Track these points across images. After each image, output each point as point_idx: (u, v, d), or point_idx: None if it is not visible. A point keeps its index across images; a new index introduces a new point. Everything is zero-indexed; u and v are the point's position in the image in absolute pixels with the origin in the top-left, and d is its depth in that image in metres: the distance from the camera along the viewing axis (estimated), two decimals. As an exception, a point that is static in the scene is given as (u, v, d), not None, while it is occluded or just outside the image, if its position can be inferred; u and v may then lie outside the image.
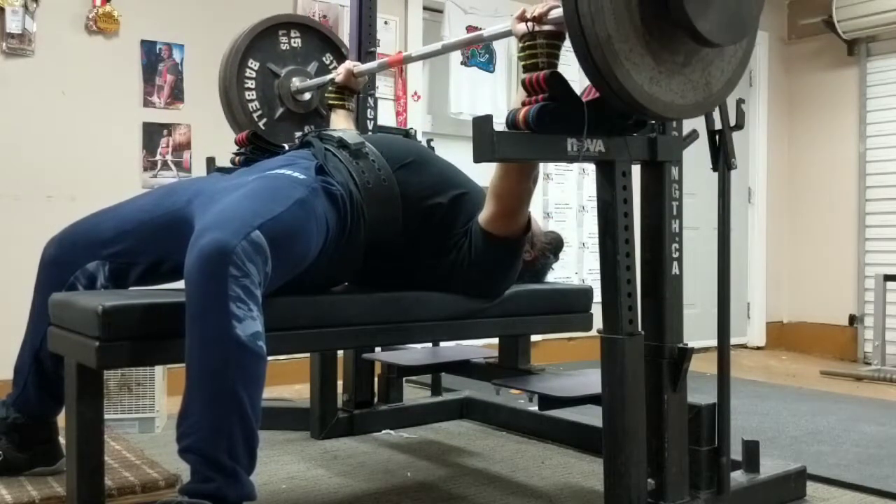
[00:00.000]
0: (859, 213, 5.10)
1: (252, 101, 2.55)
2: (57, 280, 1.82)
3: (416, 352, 2.78)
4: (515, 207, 1.89)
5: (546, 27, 1.56)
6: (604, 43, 1.37)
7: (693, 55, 1.51)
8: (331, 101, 2.42)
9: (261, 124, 2.55)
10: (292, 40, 2.62)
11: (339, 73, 2.40)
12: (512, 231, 1.92)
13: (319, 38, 2.69)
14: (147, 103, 3.41)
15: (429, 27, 4.22)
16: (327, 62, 2.68)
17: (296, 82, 2.58)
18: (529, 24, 1.58)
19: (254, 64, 2.54)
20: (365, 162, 1.93)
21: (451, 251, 1.96)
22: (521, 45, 1.62)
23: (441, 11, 4.22)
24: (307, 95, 2.61)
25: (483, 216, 1.91)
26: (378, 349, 2.76)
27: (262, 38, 2.56)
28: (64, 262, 1.84)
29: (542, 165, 4.37)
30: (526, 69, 1.59)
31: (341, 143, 1.96)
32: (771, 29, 5.38)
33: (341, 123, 2.39)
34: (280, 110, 2.60)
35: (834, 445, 2.71)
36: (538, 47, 1.57)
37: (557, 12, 1.50)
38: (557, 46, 1.59)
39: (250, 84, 2.54)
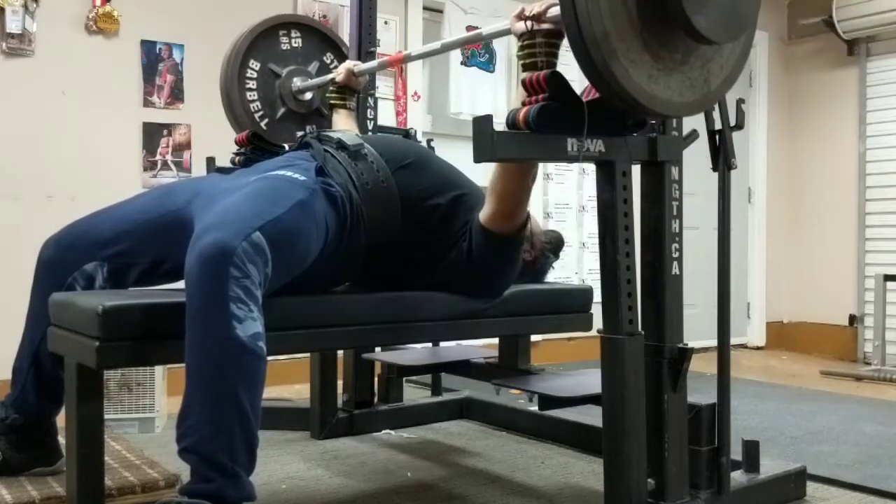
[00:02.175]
0: (859, 213, 5.10)
1: (253, 101, 2.55)
2: (55, 281, 1.81)
3: (416, 352, 2.78)
4: (514, 206, 1.89)
5: (545, 25, 1.56)
6: (601, 41, 1.37)
7: (691, 52, 1.50)
8: (332, 101, 2.43)
9: (262, 124, 2.55)
10: (293, 40, 2.62)
11: (339, 73, 2.40)
12: (511, 229, 1.92)
13: (320, 38, 2.69)
14: (147, 103, 3.40)
15: (429, 27, 4.22)
16: (328, 61, 2.68)
17: (297, 82, 2.58)
18: (528, 22, 1.58)
19: (255, 64, 2.54)
20: (364, 163, 1.93)
21: (450, 250, 1.96)
22: (520, 43, 1.61)
23: (441, 11, 4.22)
24: (308, 95, 2.61)
25: (482, 214, 1.91)
26: (378, 349, 2.76)
27: (263, 39, 2.56)
28: (62, 263, 1.83)
29: (542, 165, 4.37)
30: (525, 68, 1.59)
31: (340, 145, 1.96)
32: (771, 29, 5.38)
33: (343, 123, 2.39)
34: (282, 110, 2.60)
35: (834, 445, 2.71)
36: (537, 46, 1.57)
37: (556, 10, 1.50)
38: (556, 45, 1.59)
39: (251, 84, 2.55)
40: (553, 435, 2.71)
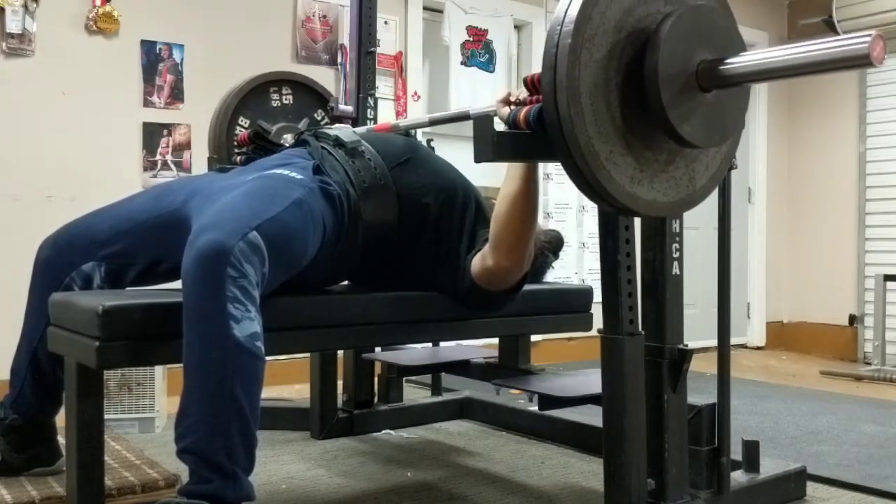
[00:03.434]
0: (859, 213, 5.10)
1: (242, 156, 2.55)
2: (52, 281, 1.81)
3: (416, 352, 2.77)
4: (509, 272, 1.86)
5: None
6: (584, 145, 1.33)
7: (676, 153, 1.47)
8: None
9: None
10: (284, 97, 2.63)
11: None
12: (510, 282, 1.91)
13: (311, 95, 2.69)
14: (147, 103, 3.40)
15: (429, 27, 4.22)
16: (318, 118, 2.68)
17: (288, 139, 2.58)
18: (513, 107, 1.57)
19: (244, 121, 2.55)
20: (361, 161, 1.92)
21: (446, 261, 1.95)
22: (505, 127, 1.60)
23: (441, 11, 4.22)
24: None
25: (475, 267, 1.88)
26: (378, 349, 2.76)
27: (254, 96, 2.57)
28: (59, 263, 1.83)
29: (541, 165, 4.37)
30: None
31: (337, 142, 1.96)
32: (771, 29, 5.38)
33: None
34: None
35: (834, 445, 2.71)
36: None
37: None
38: None
39: None
40: (553, 435, 2.71)
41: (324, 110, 2.69)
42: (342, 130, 2.04)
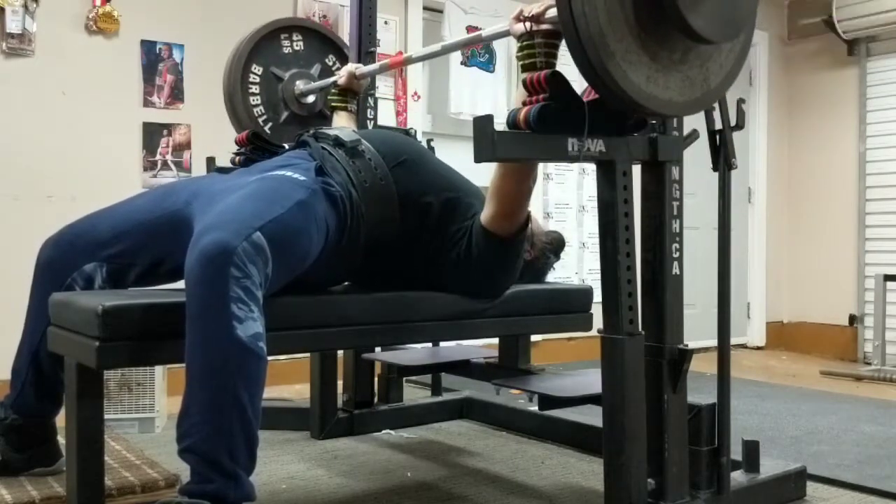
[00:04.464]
0: (859, 213, 5.10)
1: (257, 105, 2.55)
2: (54, 281, 1.81)
3: (416, 352, 2.77)
4: (515, 207, 1.89)
5: (543, 26, 1.56)
6: (598, 43, 1.36)
7: (690, 51, 1.50)
8: (333, 104, 2.43)
9: (266, 128, 2.56)
10: (294, 43, 2.62)
11: (341, 76, 2.40)
12: (511, 230, 1.92)
13: (321, 41, 2.70)
14: (147, 103, 3.40)
15: (429, 27, 4.22)
16: (330, 63, 2.69)
17: (300, 85, 2.59)
18: (527, 23, 1.57)
19: (257, 69, 2.55)
20: (361, 161, 1.93)
21: (450, 250, 1.96)
22: (519, 44, 1.61)
23: (441, 11, 4.22)
24: (311, 98, 2.61)
25: (483, 215, 1.91)
26: (378, 349, 2.76)
27: (265, 43, 2.57)
28: (61, 263, 1.83)
29: (541, 165, 4.37)
30: (524, 69, 1.58)
31: (337, 142, 1.96)
32: (771, 29, 5.38)
33: (344, 125, 2.39)
34: (285, 114, 2.61)
35: (834, 445, 2.71)
36: (536, 47, 1.57)
37: (554, 11, 1.49)
38: (555, 45, 1.59)
39: (254, 89, 2.55)
40: (553, 435, 2.71)
41: (335, 55, 2.70)
42: (342, 130, 2.04)
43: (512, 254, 1.98)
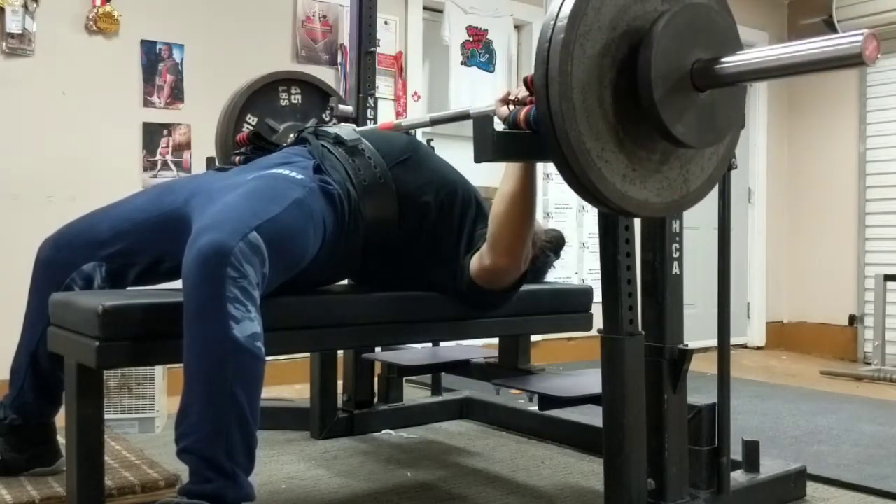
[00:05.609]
0: (859, 213, 5.10)
1: (241, 155, 2.54)
2: (53, 281, 1.80)
3: (416, 352, 2.77)
4: (507, 269, 1.87)
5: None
6: (574, 142, 1.31)
7: (670, 153, 1.44)
8: None
9: None
10: (292, 96, 2.62)
11: None
12: (500, 287, 1.91)
13: (320, 95, 2.69)
14: (147, 103, 3.40)
15: (429, 27, 4.22)
16: (326, 118, 2.68)
17: (292, 138, 2.58)
18: (513, 107, 1.57)
19: (252, 119, 2.54)
20: (361, 159, 1.92)
21: (447, 263, 1.95)
22: (505, 126, 1.61)
23: (441, 11, 4.22)
24: None
25: (473, 267, 1.89)
26: (378, 349, 2.76)
27: (262, 94, 2.56)
28: (60, 263, 1.83)
29: (541, 165, 4.36)
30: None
31: (337, 140, 1.96)
32: (771, 29, 5.38)
33: None
34: None
35: (834, 445, 2.71)
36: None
37: None
38: None
39: None
40: (553, 435, 2.71)
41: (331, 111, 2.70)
42: (342, 128, 2.04)
43: (500, 302, 1.98)
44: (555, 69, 1.30)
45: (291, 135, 2.41)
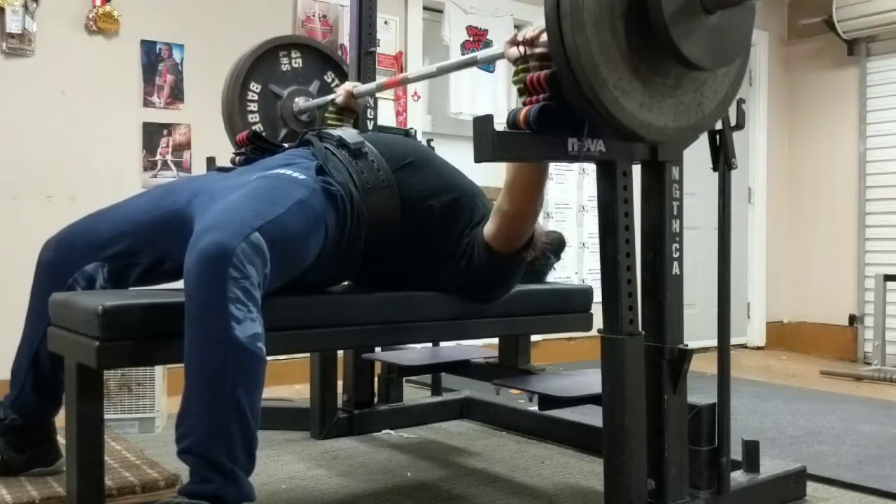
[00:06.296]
0: (859, 213, 5.10)
1: (255, 122, 2.56)
2: (55, 282, 1.81)
3: (416, 352, 2.78)
4: (521, 227, 1.88)
5: (538, 50, 1.56)
6: (590, 73, 1.35)
7: (684, 77, 1.49)
8: (330, 122, 2.42)
9: None
10: (293, 61, 2.63)
11: (339, 95, 2.40)
12: (514, 248, 1.91)
13: (320, 58, 2.70)
14: (147, 103, 3.41)
15: (429, 27, 4.22)
16: (329, 80, 2.69)
17: (298, 102, 2.59)
18: (522, 47, 1.57)
19: (256, 86, 2.55)
20: (364, 162, 1.92)
21: (450, 256, 1.96)
22: (514, 68, 1.61)
23: (441, 11, 4.22)
24: (309, 115, 2.61)
25: (487, 232, 1.90)
26: (378, 349, 2.76)
27: (264, 60, 2.57)
28: (62, 264, 1.83)
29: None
30: (520, 92, 1.58)
31: (341, 143, 1.96)
32: (771, 29, 5.38)
33: None
34: (283, 131, 2.61)
35: (834, 445, 2.71)
36: (531, 70, 1.57)
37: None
38: (550, 69, 1.59)
39: (253, 106, 2.56)
40: (553, 435, 2.71)
41: (334, 72, 2.70)
42: (345, 131, 2.04)
43: (512, 270, 1.98)
44: (566, 3, 1.33)
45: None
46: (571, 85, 1.38)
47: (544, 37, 1.52)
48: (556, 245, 2.31)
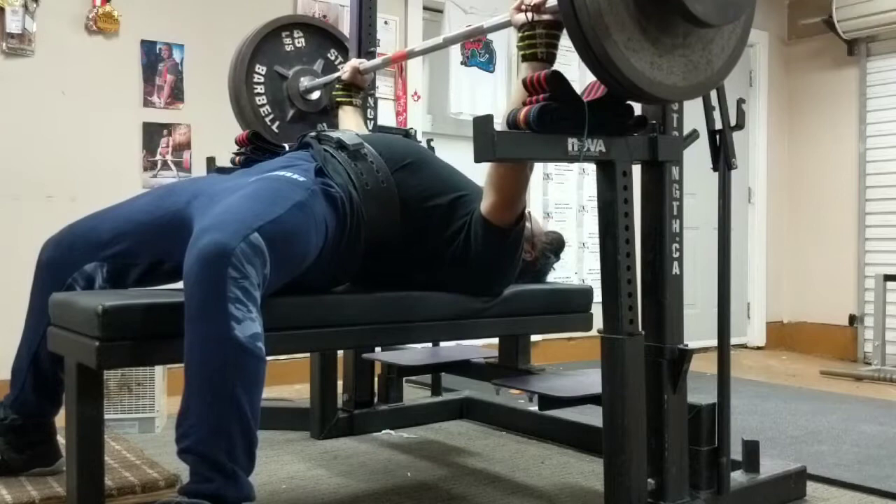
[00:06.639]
0: (859, 213, 5.10)
1: (263, 105, 2.56)
2: (54, 282, 1.81)
3: (416, 352, 2.77)
4: (513, 196, 1.88)
5: (544, 16, 1.56)
6: (600, 33, 1.37)
7: (691, 34, 1.50)
8: (338, 99, 2.44)
9: (273, 127, 2.57)
10: (296, 41, 2.63)
11: (345, 71, 2.41)
12: (509, 220, 1.91)
13: (323, 36, 2.71)
14: (147, 103, 3.41)
15: (429, 27, 4.22)
16: (332, 58, 2.69)
17: (304, 82, 2.59)
18: (528, 13, 1.57)
19: (261, 68, 2.55)
20: (363, 163, 1.93)
21: (449, 246, 1.96)
22: (519, 34, 1.62)
23: (441, 11, 4.22)
24: (316, 94, 2.61)
25: (483, 206, 1.91)
26: (378, 349, 2.76)
27: (267, 42, 2.57)
28: (61, 263, 1.83)
29: (541, 165, 4.37)
30: (525, 59, 1.59)
31: (340, 145, 1.96)
32: (771, 29, 5.38)
33: (350, 120, 2.40)
34: (291, 111, 2.61)
35: (834, 445, 2.71)
36: (537, 37, 1.57)
37: (555, 0, 1.50)
38: (556, 36, 1.60)
39: (259, 89, 2.56)
40: (553, 435, 2.71)
41: (337, 50, 2.70)
42: (345, 133, 2.04)
43: (511, 245, 1.97)
44: None
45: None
46: (582, 46, 1.40)
47: (550, 2, 1.53)
48: (556, 245, 2.31)
